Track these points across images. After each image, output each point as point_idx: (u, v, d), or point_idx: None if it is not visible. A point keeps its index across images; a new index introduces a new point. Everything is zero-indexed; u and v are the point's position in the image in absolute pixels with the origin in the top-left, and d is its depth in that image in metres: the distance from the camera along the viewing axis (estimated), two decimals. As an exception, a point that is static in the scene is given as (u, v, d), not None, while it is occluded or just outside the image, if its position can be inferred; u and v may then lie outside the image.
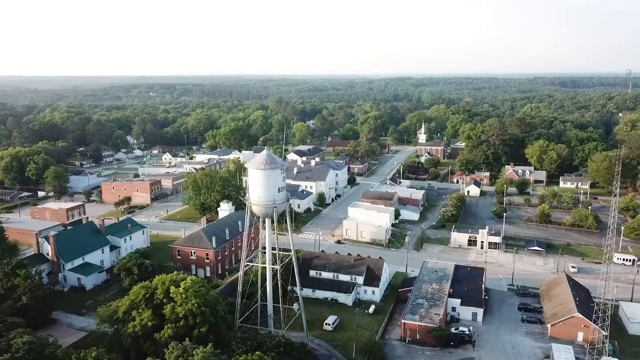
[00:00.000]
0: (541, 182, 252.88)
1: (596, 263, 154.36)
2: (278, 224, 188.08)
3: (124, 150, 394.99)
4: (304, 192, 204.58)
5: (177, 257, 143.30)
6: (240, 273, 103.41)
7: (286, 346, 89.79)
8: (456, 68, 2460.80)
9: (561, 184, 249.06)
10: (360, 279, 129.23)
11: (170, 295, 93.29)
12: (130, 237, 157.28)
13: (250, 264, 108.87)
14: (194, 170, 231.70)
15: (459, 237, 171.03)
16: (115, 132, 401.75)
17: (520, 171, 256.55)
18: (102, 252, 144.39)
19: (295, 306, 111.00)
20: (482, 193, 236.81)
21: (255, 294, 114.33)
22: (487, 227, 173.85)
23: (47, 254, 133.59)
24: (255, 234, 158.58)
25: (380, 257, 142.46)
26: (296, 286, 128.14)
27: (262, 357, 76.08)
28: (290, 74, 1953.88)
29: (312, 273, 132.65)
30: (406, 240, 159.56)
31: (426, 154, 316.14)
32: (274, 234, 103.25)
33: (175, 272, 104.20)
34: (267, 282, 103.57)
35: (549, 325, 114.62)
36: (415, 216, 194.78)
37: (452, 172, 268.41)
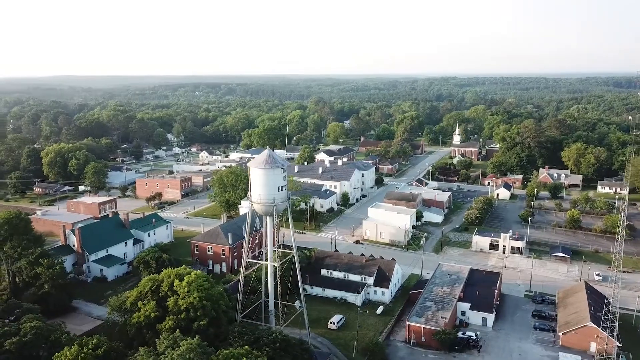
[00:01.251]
0: (577, 186, 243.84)
1: (625, 272, 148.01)
2: (298, 223, 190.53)
3: (164, 147, 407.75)
4: (327, 192, 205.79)
5: (195, 252, 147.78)
6: (242, 269, 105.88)
7: (282, 342, 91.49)
8: (504, 68, 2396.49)
9: (599, 189, 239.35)
10: (370, 280, 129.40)
11: (174, 288, 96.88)
12: (154, 231, 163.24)
13: (252, 260, 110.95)
14: (224, 168, 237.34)
15: (480, 241, 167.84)
16: (157, 130, 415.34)
17: (555, 175, 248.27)
18: (126, 245, 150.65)
19: (297, 304, 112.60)
20: (513, 196, 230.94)
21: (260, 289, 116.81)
22: (510, 231, 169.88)
23: (73, 246, 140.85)
24: (275, 232, 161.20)
25: (392, 259, 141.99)
26: (307, 284, 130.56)
27: (251, 352, 77.77)
28: (334, 74, 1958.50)
29: (324, 272, 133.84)
30: (422, 242, 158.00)
31: (459, 156, 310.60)
32: (274, 230, 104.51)
33: (183, 266, 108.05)
34: (269, 279, 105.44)
35: (560, 334, 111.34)
36: (438, 218, 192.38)
37: (484, 175, 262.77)
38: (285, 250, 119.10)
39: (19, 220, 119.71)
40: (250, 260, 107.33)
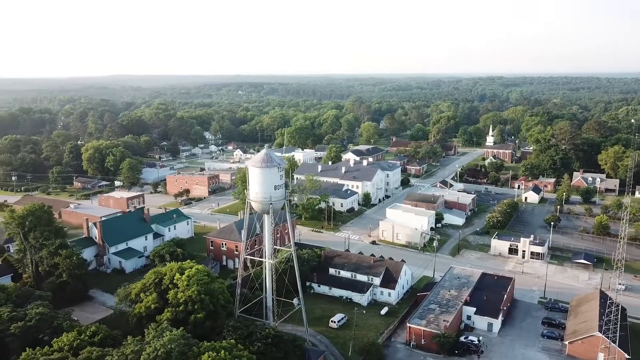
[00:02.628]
0: (613, 191, 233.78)
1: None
2: (316, 222, 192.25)
3: (202, 145, 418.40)
4: (348, 192, 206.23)
5: (211, 247, 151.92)
6: (240, 265, 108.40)
7: (274, 338, 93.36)
8: (554, 67, 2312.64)
9: (637, 194, 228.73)
10: (377, 280, 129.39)
11: (174, 281, 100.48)
12: (175, 226, 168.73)
13: (251, 257, 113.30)
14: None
15: (499, 245, 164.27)
16: (194, 128, 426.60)
17: (590, 178, 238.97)
18: (146, 239, 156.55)
19: (295, 301, 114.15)
20: (543, 200, 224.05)
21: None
22: (532, 235, 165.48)
23: (95, 238, 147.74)
24: (287, 230, 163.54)
25: (402, 260, 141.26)
26: (314, 282, 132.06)
27: (235, 345, 79.87)
28: (377, 73, 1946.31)
29: (332, 271, 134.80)
30: (434, 244, 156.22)
31: (490, 157, 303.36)
32: (273, 227, 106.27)
33: (187, 260, 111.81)
34: (267, 276, 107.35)
35: (567, 343, 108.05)
36: (459, 221, 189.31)
37: (515, 177, 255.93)
38: (286, 249, 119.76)
39: (42, 213, 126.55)
40: (248, 256, 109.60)
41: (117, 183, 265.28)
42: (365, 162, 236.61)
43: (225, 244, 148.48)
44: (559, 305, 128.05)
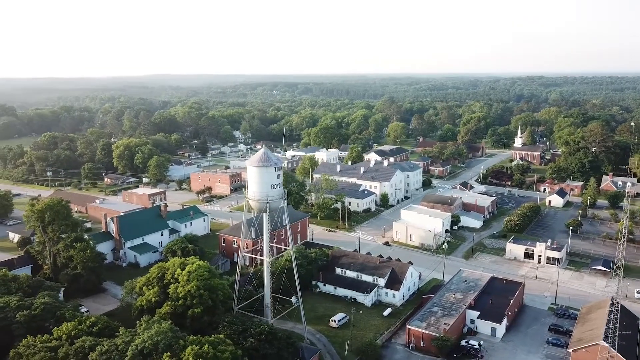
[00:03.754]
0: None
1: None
2: (331, 221, 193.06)
3: (231, 144, 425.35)
4: (365, 192, 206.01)
5: (222, 244, 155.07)
6: (239, 262, 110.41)
7: (268, 335, 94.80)
8: (598, 66, 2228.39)
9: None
10: (382, 281, 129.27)
11: (175, 276, 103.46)
12: (191, 223, 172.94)
13: (249, 254, 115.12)
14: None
15: (514, 249, 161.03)
16: (224, 127, 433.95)
17: (620, 182, 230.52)
18: (162, 235, 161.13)
19: (293, 299, 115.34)
20: (568, 204, 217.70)
21: (274, 284, 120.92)
22: (549, 240, 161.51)
23: (113, 232, 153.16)
24: (302, 229, 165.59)
25: (409, 262, 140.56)
26: (320, 281, 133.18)
27: (223, 341, 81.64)
28: (414, 73, 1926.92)
29: (338, 271, 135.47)
30: (444, 246, 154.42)
31: (518, 159, 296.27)
32: (266, 226, 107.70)
33: (192, 256, 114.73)
34: (265, 273, 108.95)
35: (570, 351, 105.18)
36: (477, 223, 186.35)
37: (542, 180, 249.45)
38: (283, 249, 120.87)
39: (60, 207, 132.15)
40: (246, 254, 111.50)
41: (144, 180, 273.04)
42: (386, 163, 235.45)
43: (236, 241, 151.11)
44: (570, 312, 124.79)
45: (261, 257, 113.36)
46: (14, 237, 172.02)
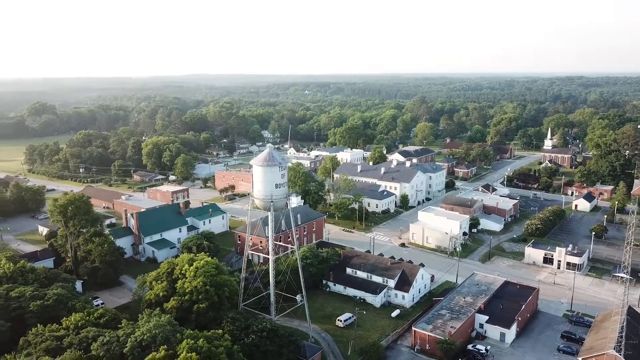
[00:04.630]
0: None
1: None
2: (349, 221, 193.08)
3: (259, 143, 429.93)
4: (384, 193, 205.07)
5: (238, 242, 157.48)
6: (244, 260, 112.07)
7: (270, 332, 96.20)
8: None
9: None
10: (392, 282, 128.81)
11: (183, 271, 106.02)
12: (210, 220, 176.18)
13: (254, 252, 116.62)
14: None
15: (533, 253, 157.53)
16: (252, 127, 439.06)
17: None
18: (180, 231, 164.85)
19: (298, 297, 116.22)
20: (595, 209, 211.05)
21: (282, 282, 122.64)
22: (570, 245, 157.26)
23: (133, 228, 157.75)
24: (317, 229, 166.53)
25: (421, 264, 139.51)
26: (330, 281, 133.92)
27: (222, 336, 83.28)
28: (448, 72, 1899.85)
29: (349, 271, 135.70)
30: (457, 249, 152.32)
31: (546, 162, 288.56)
32: (266, 225, 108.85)
33: (202, 253, 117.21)
34: (270, 271, 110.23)
35: (580, 359, 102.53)
36: (496, 227, 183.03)
37: (570, 183, 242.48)
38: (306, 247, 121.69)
39: (81, 202, 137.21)
40: (251, 252, 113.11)
41: (171, 177, 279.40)
42: (408, 164, 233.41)
43: (251, 239, 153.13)
44: (585, 319, 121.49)
45: (265, 255, 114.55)
46: (43, 230, 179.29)
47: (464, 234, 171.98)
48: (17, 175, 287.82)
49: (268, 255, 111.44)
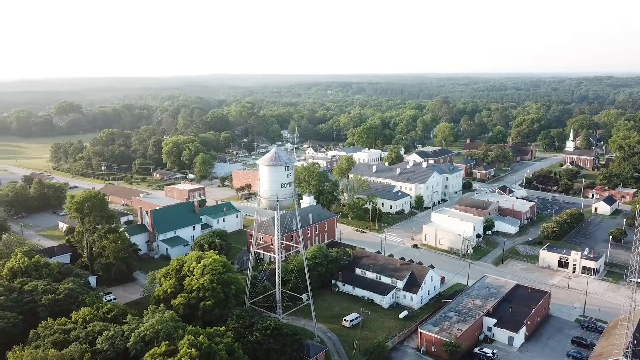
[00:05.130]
0: None
1: None
2: (363, 222, 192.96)
3: (279, 143, 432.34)
4: (399, 193, 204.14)
5: (250, 240, 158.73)
6: (251, 259, 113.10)
7: (274, 330, 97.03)
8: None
9: None
10: (400, 284, 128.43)
11: (191, 269, 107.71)
12: (224, 219, 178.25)
13: (259, 251, 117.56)
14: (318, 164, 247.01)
15: (548, 257, 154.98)
16: (272, 127, 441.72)
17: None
18: (194, 229, 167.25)
19: (304, 297, 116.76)
20: (616, 212, 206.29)
21: (290, 281, 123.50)
22: (587, 249, 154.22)
23: (148, 225, 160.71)
24: (329, 228, 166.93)
25: (431, 265, 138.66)
26: (339, 281, 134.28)
27: (224, 332, 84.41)
28: (473, 72, 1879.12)
29: (358, 271, 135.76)
30: (468, 251, 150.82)
31: (567, 164, 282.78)
32: (272, 225, 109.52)
33: (210, 251, 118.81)
34: (276, 270, 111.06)
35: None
36: (512, 229, 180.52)
37: (591, 186, 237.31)
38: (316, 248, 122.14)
39: (96, 200, 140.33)
40: (257, 250, 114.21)
41: (190, 176, 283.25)
42: (424, 165, 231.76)
43: (262, 238, 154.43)
44: (597, 325, 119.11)
45: (270, 254, 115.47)
46: (63, 226, 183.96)
47: (478, 235, 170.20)
48: (42, 173, 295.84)
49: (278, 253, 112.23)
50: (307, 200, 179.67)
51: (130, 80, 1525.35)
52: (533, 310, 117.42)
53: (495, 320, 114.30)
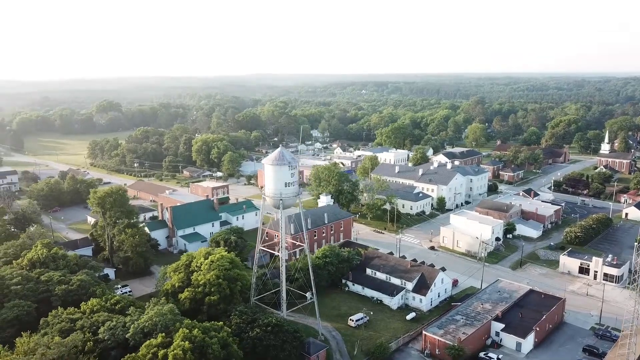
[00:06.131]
0: None
1: None
2: (381, 222, 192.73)
3: (309, 142, 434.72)
4: (420, 195, 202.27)
5: (265, 238, 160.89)
6: (256, 256, 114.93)
7: (275, 327, 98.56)
8: None
9: None
10: (410, 285, 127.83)
11: (199, 264, 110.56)
12: (243, 216, 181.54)
13: (264, 249, 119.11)
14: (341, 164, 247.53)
15: (568, 262, 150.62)
16: (302, 126, 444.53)
17: None
18: (212, 226, 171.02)
19: (308, 295, 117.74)
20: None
21: (299, 279, 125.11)
22: (610, 255, 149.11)
23: (168, 221, 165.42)
24: (345, 228, 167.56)
25: (442, 267, 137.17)
26: (349, 281, 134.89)
27: (222, 327, 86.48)
28: (514, 72, 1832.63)
29: (368, 271, 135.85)
30: (482, 255, 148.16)
31: (601, 167, 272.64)
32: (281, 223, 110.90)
33: (220, 248, 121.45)
34: (281, 268, 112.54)
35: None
36: (534, 233, 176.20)
37: (626, 190, 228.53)
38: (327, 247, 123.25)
39: (118, 195, 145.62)
40: (262, 248, 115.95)
41: (219, 174, 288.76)
42: (449, 166, 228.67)
43: (277, 236, 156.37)
44: (612, 334, 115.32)
45: (275, 252, 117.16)
46: (91, 220, 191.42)
47: (497, 239, 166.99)
48: (78, 169, 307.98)
49: (288, 251, 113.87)
50: (324, 200, 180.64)
51: (172, 80, 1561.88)
52: (544, 317, 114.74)
53: (503, 325, 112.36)
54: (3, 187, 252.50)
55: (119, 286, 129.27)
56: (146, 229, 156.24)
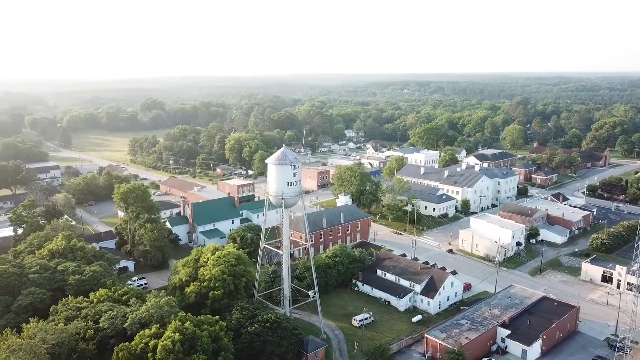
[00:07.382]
0: None
1: None
2: (401, 224, 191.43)
3: (342, 142, 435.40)
4: (443, 197, 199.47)
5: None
6: (260, 254, 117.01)
7: (273, 323, 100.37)
8: None
9: None
10: (418, 287, 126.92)
11: (206, 260, 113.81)
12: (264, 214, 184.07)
13: (268, 247, 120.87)
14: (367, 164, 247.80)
15: (591, 270, 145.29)
16: (336, 126, 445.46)
17: None
18: (232, 223, 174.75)
19: (310, 293, 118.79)
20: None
21: (308, 277, 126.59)
22: (636, 264, 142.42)
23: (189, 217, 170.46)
24: (362, 228, 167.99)
25: (454, 271, 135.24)
26: (359, 281, 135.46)
27: (216, 321, 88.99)
28: (564, 72, 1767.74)
29: (379, 272, 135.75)
30: (497, 259, 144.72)
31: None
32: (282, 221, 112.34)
33: (229, 244, 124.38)
34: (284, 266, 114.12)
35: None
36: (559, 239, 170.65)
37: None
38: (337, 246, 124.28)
39: (140, 191, 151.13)
40: (266, 246, 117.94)
41: (245, 172, 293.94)
42: (477, 168, 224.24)
43: (293, 234, 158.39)
44: (627, 345, 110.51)
45: (277, 250, 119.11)
46: (122, 214, 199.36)
47: (518, 243, 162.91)
48: (117, 165, 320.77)
49: (308, 249, 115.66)
50: (343, 200, 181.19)
51: (217, 79, 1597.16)
52: (553, 325, 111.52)
53: (509, 332, 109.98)
54: (46, 181, 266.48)
55: (136, 278, 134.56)
56: (168, 224, 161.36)
